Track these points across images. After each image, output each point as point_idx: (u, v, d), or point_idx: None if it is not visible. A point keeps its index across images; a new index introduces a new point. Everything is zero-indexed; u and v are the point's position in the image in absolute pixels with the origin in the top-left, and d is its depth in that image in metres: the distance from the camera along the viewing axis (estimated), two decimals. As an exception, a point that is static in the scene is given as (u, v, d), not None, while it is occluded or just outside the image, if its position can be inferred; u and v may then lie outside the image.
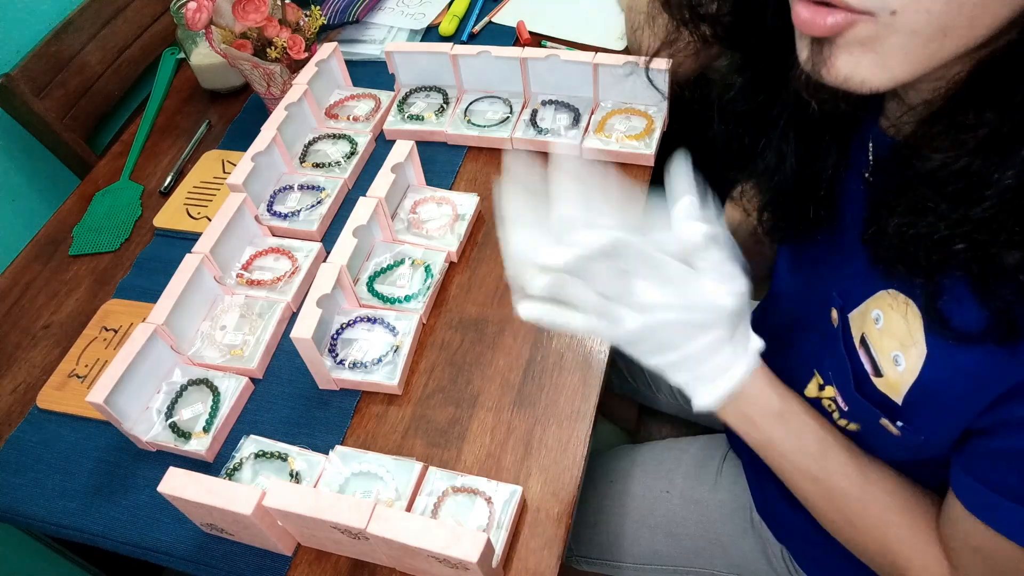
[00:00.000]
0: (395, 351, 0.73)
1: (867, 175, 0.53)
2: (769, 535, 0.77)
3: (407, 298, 0.77)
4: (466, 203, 0.85)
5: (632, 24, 0.94)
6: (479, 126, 0.93)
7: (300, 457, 0.68)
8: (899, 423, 0.50)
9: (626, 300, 0.47)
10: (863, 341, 0.52)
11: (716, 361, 0.50)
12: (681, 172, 0.47)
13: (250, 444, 0.70)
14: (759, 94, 0.55)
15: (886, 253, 0.46)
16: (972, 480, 0.47)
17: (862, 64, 0.39)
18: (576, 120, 0.91)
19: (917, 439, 0.50)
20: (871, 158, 0.53)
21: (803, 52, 0.42)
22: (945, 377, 0.47)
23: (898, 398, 0.50)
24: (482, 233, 0.85)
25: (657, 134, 0.88)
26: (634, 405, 1.10)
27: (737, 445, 0.82)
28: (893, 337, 0.49)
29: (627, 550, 0.83)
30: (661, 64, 0.86)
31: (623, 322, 0.48)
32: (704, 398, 0.52)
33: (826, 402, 0.57)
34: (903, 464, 0.54)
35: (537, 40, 1.07)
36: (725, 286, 0.47)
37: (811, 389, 0.59)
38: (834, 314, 0.55)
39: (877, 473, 0.54)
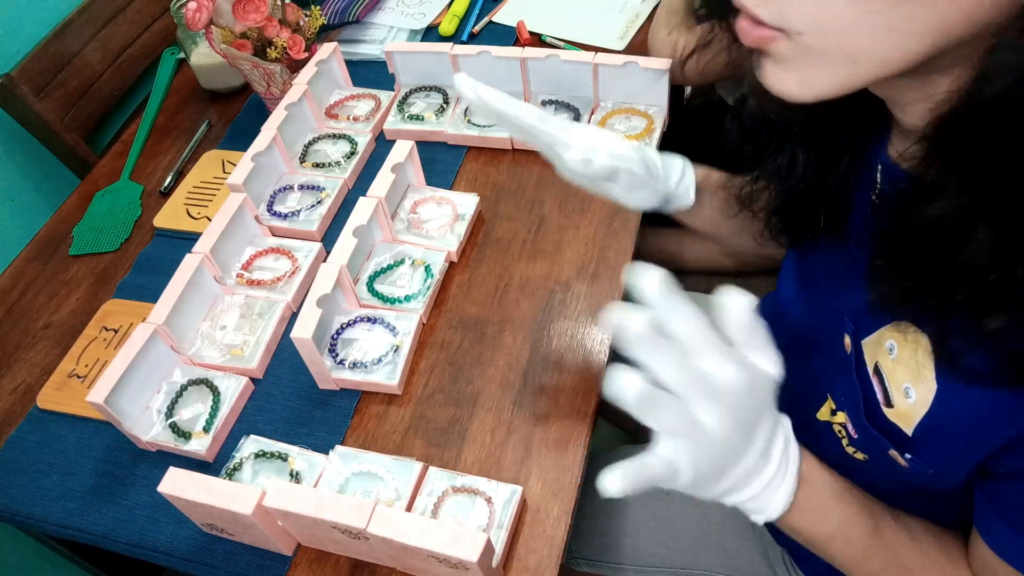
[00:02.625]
0: (395, 351, 0.73)
1: (874, 197, 0.53)
2: (770, 538, 0.77)
3: (407, 298, 0.77)
4: (466, 203, 0.85)
5: (668, 25, 0.93)
6: (479, 126, 0.93)
7: (300, 457, 0.68)
8: (907, 455, 0.50)
9: (703, 388, 0.41)
10: (876, 370, 0.51)
11: (760, 482, 0.47)
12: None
13: (250, 444, 0.70)
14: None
15: (889, 295, 0.45)
16: (1001, 523, 0.46)
17: (785, 79, 0.41)
18: (576, 120, 0.91)
19: (926, 472, 0.49)
20: (879, 181, 0.52)
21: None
22: (955, 414, 0.46)
23: (908, 429, 0.49)
24: (482, 233, 0.85)
25: (657, 134, 0.88)
26: (634, 405, 1.09)
27: None
28: (905, 369, 0.49)
29: (627, 552, 0.83)
30: (661, 64, 0.86)
31: (705, 427, 0.42)
32: (760, 518, 0.49)
33: (836, 427, 0.56)
34: (911, 495, 0.53)
35: (537, 38, 1.07)
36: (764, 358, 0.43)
37: (823, 412, 0.58)
38: (847, 340, 0.54)
39: (920, 531, 0.53)
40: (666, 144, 0.89)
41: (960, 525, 0.53)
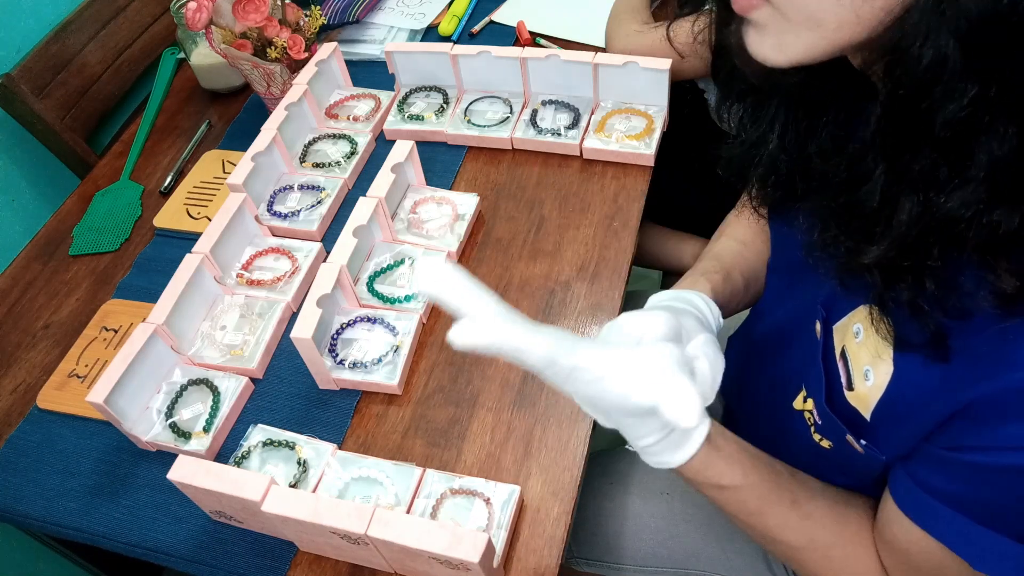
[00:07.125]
0: (395, 351, 0.73)
1: None
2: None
3: (407, 298, 0.77)
4: (466, 203, 0.85)
5: (630, 24, 0.95)
6: (479, 126, 0.93)
7: (307, 446, 0.68)
8: (863, 441, 0.51)
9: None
10: (843, 353, 0.52)
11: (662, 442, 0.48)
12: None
13: (258, 433, 0.70)
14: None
15: (821, 265, 0.48)
16: (910, 481, 0.47)
17: (763, 44, 0.45)
18: (576, 120, 0.91)
19: (879, 458, 0.50)
20: None
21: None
22: (907, 395, 0.47)
23: (867, 413, 0.50)
24: (482, 233, 0.85)
25: (657, 134, 0.88)
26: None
27: None
28: (867, 350, 0.50)
29: (627, 551, 0.83)
30: (661, 64, 0.86)
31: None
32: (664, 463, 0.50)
33: (807, 414, 0.57)
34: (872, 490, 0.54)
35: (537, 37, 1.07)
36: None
37: (798, 401, 0.59)
38: (817, 326, 0.55)
39: (819, 511, 0.53)
40: (667, 142, 0.89)
41: None
